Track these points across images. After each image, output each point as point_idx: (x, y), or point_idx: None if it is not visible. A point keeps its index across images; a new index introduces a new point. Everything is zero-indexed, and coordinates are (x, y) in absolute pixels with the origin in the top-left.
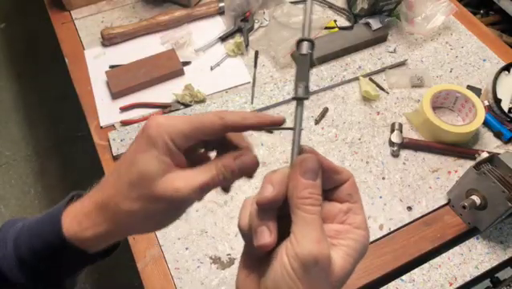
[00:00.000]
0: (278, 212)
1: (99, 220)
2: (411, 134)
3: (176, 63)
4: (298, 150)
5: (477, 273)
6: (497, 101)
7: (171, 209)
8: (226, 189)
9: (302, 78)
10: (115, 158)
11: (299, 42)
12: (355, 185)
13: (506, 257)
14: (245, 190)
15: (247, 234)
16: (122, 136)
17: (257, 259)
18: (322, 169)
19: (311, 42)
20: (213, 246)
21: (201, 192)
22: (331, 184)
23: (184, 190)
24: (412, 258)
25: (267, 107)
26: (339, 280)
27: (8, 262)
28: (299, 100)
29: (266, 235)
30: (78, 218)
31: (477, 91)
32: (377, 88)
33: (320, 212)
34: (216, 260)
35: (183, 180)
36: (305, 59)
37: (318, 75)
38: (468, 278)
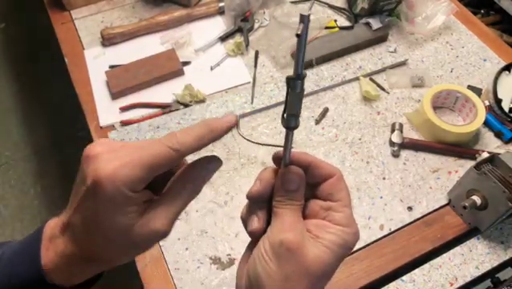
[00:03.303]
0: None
1: (81, 269)
2: (411, 134)
3: (176, 63)
4: (286, 164)
5: (477, 273)
6: (498, 101)
7: (154, 243)
8: None
9: (294, 111)
10: None
11: (295, 79)
12: (340, 184)
13: (507, 257)
14: (245, 190)
15: (244, 222)
16: (122, 136)
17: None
18: (304, 166)
19: (304, 77)
20: (213, 247)
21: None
22: (315, 179)
23: (163, 228)
24: (412, 259)
25: (267, 107)
26: (314, 266)
27: None
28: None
29: (255, 222)
30: (59, 266)
31: (477, 91)
32: (377, 88)
33: (296, 209)
34: (216, 260)
35: (158, 218)
36: (299, 96)
37: (319, 75)
38: (468, 279)
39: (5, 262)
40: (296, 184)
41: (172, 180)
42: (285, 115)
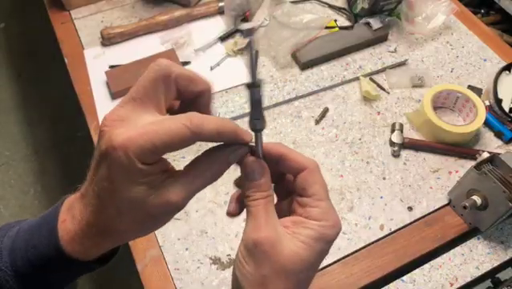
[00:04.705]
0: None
1: (97, 241)
2: (411, 134)
3: (175, 63)
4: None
5: (478, 273)
6: (498, 101)
7: (170, 216)
8: None
9: (258, 115)
10: None
11: (251, 88)
12: (312, 178)
13: (507, 257)
14: None
15: None
16: None
17: None
18: (276, 158)
19: (261, 85)
20: (213, 247)
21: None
22: (287, 171)
23: (179, 202)
24: (412, 259)
25: (267, 107)
26: (290, 262)
27: (4, 273)
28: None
29: (231, 206)
30: (75, 238)
31: (477, 91)
32: (378, 88)
33: (266, 203)
34: (216, 261)
35: (176, 192)
36: (259, 102)
37: (319, 75)
38: (469, 279)
39: (22, 235)
40: (259, 174)
41: (197, 157)
42: (257, 121)
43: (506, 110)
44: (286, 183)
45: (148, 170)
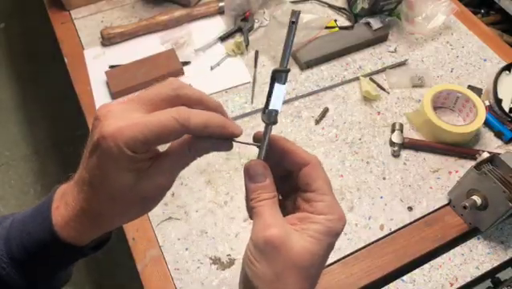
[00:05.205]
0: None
1: (90, 226)
2: (411, 134)
3: (175, 63)
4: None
5: (478, 273)
6: (498, 101)
7: (160, 198)
8: None
9: (278, 106)
10: None
11: (278, 73)
12: (315, 172)
13: (507, 257)
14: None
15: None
16: None
17: None
18: (275, 150)
19: (288, 71)
20: (213, 247)
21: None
22: (290, 166)
23: (167, 183)
24: (412, 259)
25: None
26: (301, 258)
27: (0, 261)
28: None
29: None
30: (69, 223)
31: (477, 91)
32: (378, 88)
33: (273, 203)
34: (216, 261)
35: (162, 174)
36: (282, 89)
37: (319, 75)
38: (469, 279)
39: (16, 224)
40: (262, 175)
41: (178, 140)
42: (266, 110)
43: (506, 110)
44: (292, 181)
45: (138, 158)
